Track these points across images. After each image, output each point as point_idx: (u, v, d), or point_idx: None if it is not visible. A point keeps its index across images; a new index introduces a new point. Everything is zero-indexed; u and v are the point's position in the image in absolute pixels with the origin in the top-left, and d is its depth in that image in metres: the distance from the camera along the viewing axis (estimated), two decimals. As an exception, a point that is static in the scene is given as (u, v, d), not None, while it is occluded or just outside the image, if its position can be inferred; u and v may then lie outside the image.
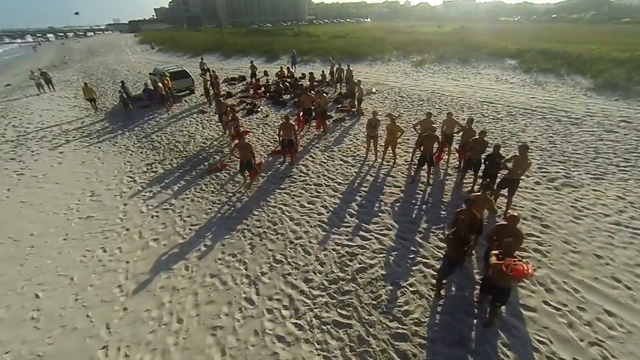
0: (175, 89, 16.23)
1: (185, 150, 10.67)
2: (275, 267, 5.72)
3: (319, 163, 9.09)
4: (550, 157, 8.80)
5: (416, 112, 12.87)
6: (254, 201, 7.65)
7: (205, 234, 6.68)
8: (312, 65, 24.43)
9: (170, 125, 13.10)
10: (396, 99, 14.64)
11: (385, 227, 6.43)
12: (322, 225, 6.63)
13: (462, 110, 12.74)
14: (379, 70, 21.03)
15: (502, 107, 12.82)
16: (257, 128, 12.08)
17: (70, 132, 13.13)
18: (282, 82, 16.41)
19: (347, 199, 7.38)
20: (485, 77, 17.37)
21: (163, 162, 10.01)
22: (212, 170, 9.10)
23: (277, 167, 9.09)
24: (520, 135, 10.24)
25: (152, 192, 8.42)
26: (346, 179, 8.23)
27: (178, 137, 11.80)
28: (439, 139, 7.29)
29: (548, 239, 5.91)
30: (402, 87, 16.55)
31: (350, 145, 10.07)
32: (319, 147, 10.13)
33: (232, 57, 30.19)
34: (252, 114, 13.54)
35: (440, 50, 22.32)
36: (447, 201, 7.16)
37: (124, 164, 10.09)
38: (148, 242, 6.55)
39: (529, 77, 16.50)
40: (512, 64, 18.37)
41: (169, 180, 8.95)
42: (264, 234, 6.53)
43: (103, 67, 30.85)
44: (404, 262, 5.59)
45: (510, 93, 14.56)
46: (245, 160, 7.99)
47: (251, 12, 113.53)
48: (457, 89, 15.54)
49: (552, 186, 7.51)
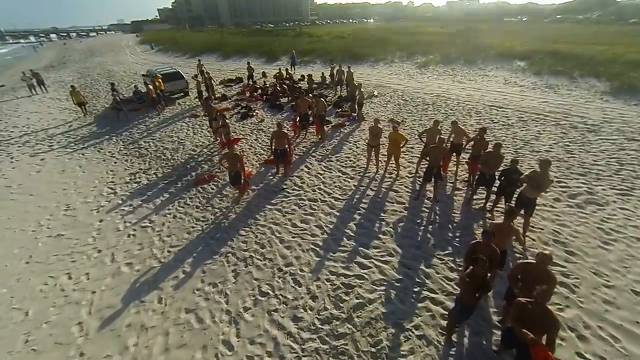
0: (169, 91, 15.55)
1: (173, 159, 9.95)
2: (261, 301, 4.97)
3: (315, 175, 8.33)
4: (569, 169, 8.00)
5: (420, 117, 12.10)
6: (241, 219, 6.90)
7: (185, 258, 5.94)
8: (313, 66, 23.70)
9: (160, 130, 12.40)
10: (399, 103, 13.87)
11: (387, 253, 5.66)
12: (315, 249, 5.88)
13: (470, 115, 11.95)
14: (381, 71, 20.26)
15: (512, 112, 12.03)
16: (251, 134, 11.34)
17: (56, 136, 12.46)
18: (280, 85, 15.68)
19: (344, 218, 6.62)
20: (493, 79, 16.56)
21: (148, 172, 9.30)
22: (199, 182, 8.37)
23: (269, 179, 8.35)
24: (533, 144, 9.45)
25: (132, 206, 7.70)
26: (344, 193, 7.47)
27: (167, 144, 11.09)
28: (447, 151, 6.52)
29: (575, 269, 5.13)
30: (405, 89, 15.78)
31: (350, 154, 9.31)
32: (315, 156, 9.38)
33: (231, 58, 29.51)
34: (246, 119, 12.81)
35: (445, 51, 21.53)
36: (457, 221, 6.38)
37: (107, 173, 9.38)
38: (120, 267, 5.82)
39: (540, 79, 15.67)
40: (521, 66, 17.55)
41: (152, 192, 8.23)
42: (250, 259, 5.79)
43: (100, 67, 30.27)
44: (408, 297, 4.82)
45: (521, 97, 13.75)
46: (233, 172, 7.26)
47: (253, 12, 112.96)
48: (463, 92, 14.75)
49: (574, 203, 6.72)
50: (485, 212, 6.57)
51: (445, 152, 6.46)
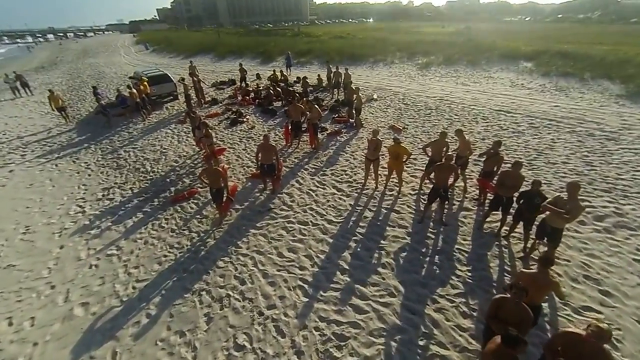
0: (155, 95, 14.68)
1: (153, 171, 9.08)
2: (235, 357, 4.10)
3: (307, 191, 7.45)
4: (591, 184, 7.14)
5: (423, 123, 11.23)
6: (221, 246, 6.03)
7: (152, 297, 5.07)
8: (309, 67, 22.82)
9: (142, 138, 11.52)
10: (400, 107, 13.00)
11: (388, 292, 4.80)
12: (303, 286, 5.01)
13: (476, 122, 11.08)
14: (380, 73, 19.38)
15: (522, 118, 11.16)
16: (239, 142, 10.46)
17: (30, 145, 11.59)
18: (274, 88, 14.81)
19: (338, 246, 5.76)
20: (498, 81, 15.69)
21: (123, 187, 8.43)
22: (177, 200, 7.50)
23: (255, 196, 7.47)
24: (548, 154, 8.58)
25: (99, 228, 6.82)
26: (339, 214, 6.60)
27: (148, 153, 10.21)
28: (456, 170, 5.64)
29: (613, 315, 4.26)
30: (406, 92, 14.91)
31: (346, 167, 8.44)
32: (308, 168, 8.51)
33: (226, 59, 28.61)
34: (236, 125, 11.93)
35: (448, 51, 20.65)
36: (468, 249, 5.51)
37: (78, 188, 8.51)
38: (74, 308, 4.95)
39: (549, 81, 14.80)
40: (528, 67, 16.67)
41: (124, 211, 7.36)
42: (227, 299, 4.92)
43: (91, 68, 29.38)
44: (412, 354, 3.96)
45: (530, 100, 12.88)
46: (215, 189, 6.40)
47: (252, 12, 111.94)
48: (468, 96, 13.88)
49: (602, 227, 5.85)
50: (499, 238, 5.72)
51: (455, 171, 5.59)
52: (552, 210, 4.49)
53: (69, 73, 27.72)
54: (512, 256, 5.36)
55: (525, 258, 5.27)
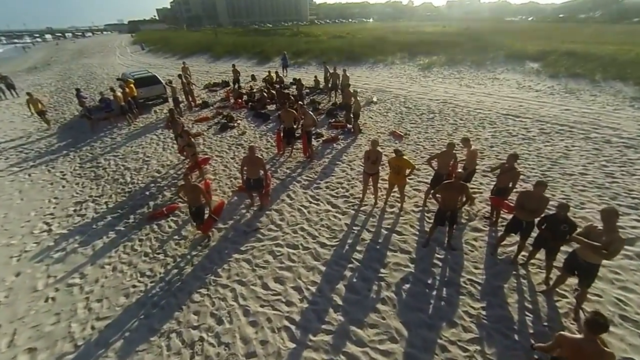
0: (143, 98, 13.94)
1: (132, 182, 8.33)
2: None
3: (299, 208, 6.70)
4: (615, 200, 6.40)
5: (426, 128, 10.48)
6: (198, 274, 5.29)
7: (112, 340, 4.32)
8: (307, 68, 22.08)
9: (126, 144, 10.78)
10: (401, 111, 12.25)
11: (388, 336, 4.05)
12: (290, 327, 4.26)
13: (483, 127, 10.34)
14: (381, 74, 18.64)
15: (531, 122, 10.43)
16: (228, 150, 9.71)
17: (6, 151, 10.83)
18: (268, 90, 14.05)
19: (331, 276, 5.01)
20: (504, 83, 14.95)
21: (98, 200, 7.68)
22: (155, 217, 6.76)
23: (241, 213, 6.72)
24: (563, 164, 7.85)
25: (64, 251, 6.08)
26: (333, 235, 5.86)
27: (129, 162, 9.47)
28: (467, 191, 4.86)
29: (663, 372, 3.52)
30: (408, 95, 14.17)
31: (342, 179, 7.69)
32: (301, 181, 7.75)
33: (222, 59, 27.86)
34: (226, 130, 11.17)
35: (450, 51, 19.94)
36: (481, 281, 4.77)
37: (49, 202, 7.77)
38: (17, 356, 4.20)
39: (557, 83, 14.07)
40: (535, 68, 15.95)
41: (95, 230, 6.61)
42: (200, 344, 4.17)
43: (84, 69, 28.65)
44: None
45: (538, 103, 12.14)
46: (194, 207, 5.66)
47: (252, 12, 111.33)
48: (473, 98, 13.13)
49: (634, 253, 5.11)
50: (516, 267, 4.98)
51: (466, 191, 4.82)
52: (585, 245, 3.74)
53: (60, 74, 26.96)
54: (533, 289, 4.62)
55: (549, 293, 4.52)
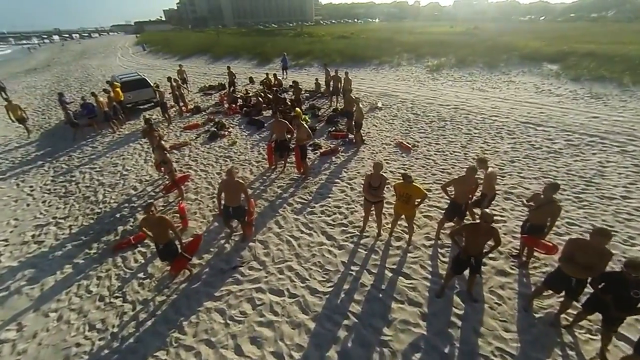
0: (131, 102, 13.05)
1: (104, 201, 7.37)
2: None
3: (288, 239, 5.66)
4: (672, 234, 5.26)
5: (437, 138, 9.39)
6: (159, 329, 4.28)
7: None
8: (308, 70, 21.05)
9: (106, 155, 9.85)
10: (408, 118, 11.16)
11: None
12: (263, 420, 3.24)
13: (501, 137, 9.22)
14: (386, 76, 17.53)
15: (555, 132, 9.28)
16: (215, 163, 8.71)
17: (-22, 162, 9.99)
18: (264, 94, 13.05)
19: (322, 337, 3.96)
20: (521, 86, 13.76)
21: (62, 223, 6.72)
22: (120, 247, 5.78)
23: (220, 245, 5.70)
24: (599, 185, 6.72)
25: (7, 290, 5.09)
26: (327, 278, 4.81)
27: (106, 176, 8.53)
28: (497, 235, 3.78)
29: None
30: (415, 99, 13.07)
31: (341, 201, 6.62)
32: (292, 203, 6.70)
33: (221, 60, 26.97)
34: (215, 139, 10.19)
35: (460, 52, 18.75)
36: (514, 352, 3.68)
37: (7, 224, 6.82)
38: None
39: (580, 86, 12.85)
40: (554, 70, 14.73)
41: (50, 263, 5.65)
42: None
43: (81, 70, 28.02)
44: None
45: (561, 110, 10.96)
46: (161, 245, 4.63)
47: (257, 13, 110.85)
48: (487, 104, 11.99)
49: None
50: (559, 329, 3.89)
51: (495, 236, 3.74)
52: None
53: (57, 75, 26.33)
54: (585, 365, 3.53)
55: (607, 372, 3.44)
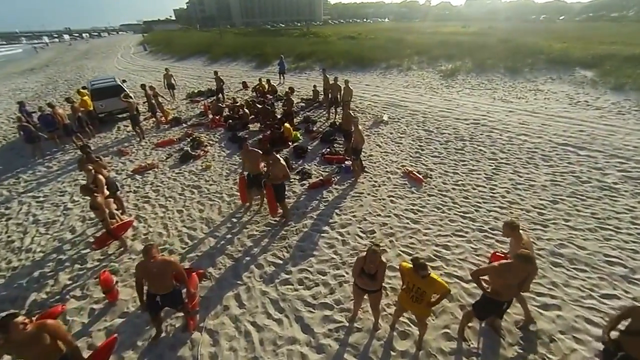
0: (104, 112, 11.55)
1: (27, 249, 5.77)
2: None
3: (247, 330, 3.95)
4: None
5: (455, 165, 7.59)
6: None
7: None
8: (309, 74, 19.33)
9: (58, 178, 8.32)
10: (419, 136, 9.39)
11: None
12: None
13: (535, 164, 7.39)
14: (394, 82, 15.72)
15: (604, 159, 7.42)
16: (180, 195, 7.05)
17: None
18: (252, 104, 11.39)
19: None
20: (551, 97, 11.82)
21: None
22: (16, 331, 4.17)
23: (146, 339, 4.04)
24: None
25: None
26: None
27: (46, 209, 6.97)
28: None
29: None
30: (427, 111, 11.26)
31: (327, 264, 4.88)
32: (263, 263, 4.99)
33: (219, 62, 25.46)
34: (188, 162, 8.56)
35: (477, 55, 16.81)
36: None
37: None
38: None
39: (624, 97, 10.89)
40: (589, 77, 12.76)
41: None
42: None
43: (75, 72, 26.86)
44: None
45: (606, 128, 9.06)
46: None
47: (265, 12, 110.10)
48: (513, 118, 10.12)
49: None
50: None
51: None
52: None
53: (49, 77, 25.18)
54: None
55: None
